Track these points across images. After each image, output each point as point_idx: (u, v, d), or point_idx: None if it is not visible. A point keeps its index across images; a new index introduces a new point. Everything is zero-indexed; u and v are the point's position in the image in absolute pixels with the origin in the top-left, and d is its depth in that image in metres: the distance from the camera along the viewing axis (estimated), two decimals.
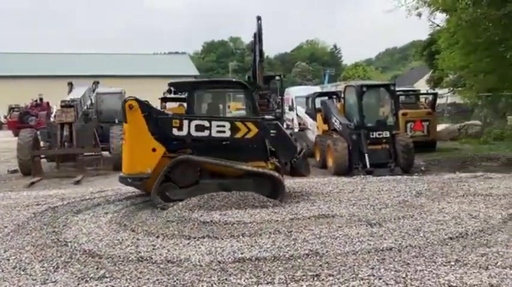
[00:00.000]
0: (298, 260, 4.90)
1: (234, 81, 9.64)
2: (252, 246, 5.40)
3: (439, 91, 23.10)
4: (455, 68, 17.08)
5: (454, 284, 4.12)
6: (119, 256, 5.17)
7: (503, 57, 12.31)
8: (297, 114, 17.83)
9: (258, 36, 11.44)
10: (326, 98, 14.15)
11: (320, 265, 4.74)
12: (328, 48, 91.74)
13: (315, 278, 4.38)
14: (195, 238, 5.79)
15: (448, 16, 15.59)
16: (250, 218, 6.62)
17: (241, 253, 5.16)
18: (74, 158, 12.98)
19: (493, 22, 12.04)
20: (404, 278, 4.32)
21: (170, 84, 9.29)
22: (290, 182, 9.75)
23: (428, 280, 4.26)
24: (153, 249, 5.40)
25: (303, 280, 4.35)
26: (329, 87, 28.39)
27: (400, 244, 5.43)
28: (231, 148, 7.74)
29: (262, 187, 7.69)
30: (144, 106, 7.57)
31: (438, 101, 18.81)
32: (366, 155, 11.37)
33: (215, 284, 4.33)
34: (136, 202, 8.04)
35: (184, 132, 7.53)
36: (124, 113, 7.49)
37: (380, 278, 4.32)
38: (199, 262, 4.93)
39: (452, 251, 5.11)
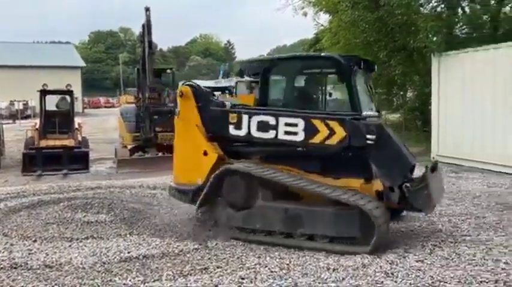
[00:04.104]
0: (187, 255, 4.89)
1: (325, 57, 6.40)
2: (139, 244, 5.25)
3: None
4: None
5: (332, 267, 4.44)
6: None
7: (377, 57, 13.51)
8: None
9: (147, 27, 11.05)
10: (219, 92, 14.29)
11: (209, 258, 4.78)
12: (222, 43, 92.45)
13: (204, 271, 4.41)
14: (77, 239, 5.47)
15: (330, 17, 16.67)
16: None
17: (128, 252, 4.99)
18: None
19: (369, 24, 13.16)
20: (288, 264, 4.54)
21: (242, 65, 6.95)
22: None
23: (310, 264, 4.54)
24: (29, 254, 4.98)
25: (191, 274, 4.35)
26: (223, 83, 28.66)
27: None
28: (309, 157, 5.50)
29: (347, 223, 4.95)
30: (201, 94, 5.80)
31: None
32: None
33: (99, 286, 4.14)
34: (10, 204, 7.33)
35: (243, 132, 5.51)
36: (175, 103, 5.83)
37: (266, 266, 4.50)
38: (81, 264, 4.67)
39: None
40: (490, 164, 9.69)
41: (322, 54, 7.40)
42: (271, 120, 5.37)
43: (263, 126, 5.41)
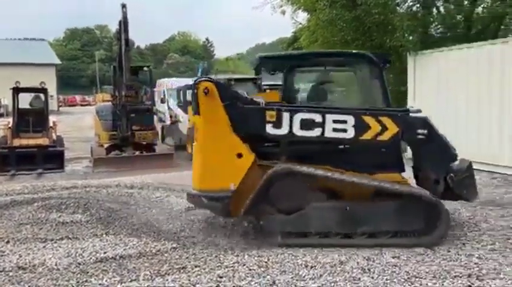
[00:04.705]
0: (165, 255, 4.84)
1: (358, 54, 6.41)
2: (116, 244, 5.17)
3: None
4: None
5: (310, 264, 4.46)
6: None
7: None
8: (168, 107, 17.57)
9: (124, 24, 10.89)
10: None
11: (187, 258, 4.74)
12: (201, 41, 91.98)
13: (181, 271, 4.38)
14: (52, 240, 5.35)
15: (308, 15, 16.74)
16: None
17: (104, 253, 4.91)
18: None
19: (346, 23, 13.27)
20: (266, 262, 4.54)
21: (260, 59, 6.20)
22: (160, 176, 9.61)
23: (288, 262, 4.55)
24: (2, 256, 4.85)
25: (168, 274, 4.31)
26: None
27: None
28: (350, 155, 5.49)
29: (409, 215, 5.03)
30: (226, 91, 5.33)
31: None
32: None
33: None
34: None
35: (283, 131, 5.19)
36: (196, 100, 5.24)
37: (244, 265, 4.49)
38: (56, 265, 4.57)
39: None
40: None
41: (354, 51, 7.37)
42: (318, 118, 5.16)
43: (307, 124, 5.17)
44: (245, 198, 5.09)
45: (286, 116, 5.17)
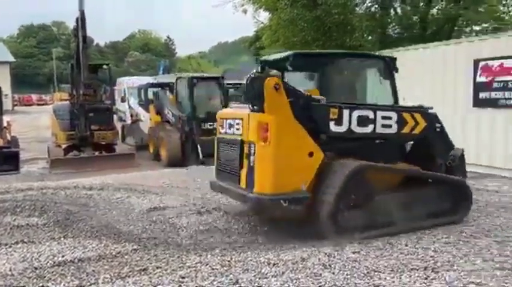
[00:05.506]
0: (126, 257, 4.74)
1: (378, 56, 6.96)
2: (75, 247, 5.01)
3: None
4: None
5: (272, 261, 4.50)
6: None
7: None
8: (129, 106, 17.26)
9: (81, 21, 10.61)
10: (159, 89, 14.01)
11: (148, 259, 4.66)
12: (162, 39, 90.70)
13: (142, 273, 4.30)
14: (6, 244, 5.12)
15: (270, 15, 16.85)
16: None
17: (62, 256, 4.75)
18: None
19: (307, 23, 13.46)
20: (229, 261, 4.54)
21: (294, 55, 5.94)
22: (122, 176, 9.43)
23: (251, 260, 4.57)
24: None
25: (129, 276, 4.23)
26: (163, 79, 28.12)
27: (226, 228, 5.71)
28: (381, 148, 5.87)
29: (447, 198, 5.87)
30: (289, 87, 5.11)
31: None
32: (199, 145, 11.62)
33: None
34: None
35: (344, 128, 5.33)
36: (261, 96, 4.96)
37: (207, 264, 4.47)
38: (10, 271, 4.39)
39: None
40: None
41: (372, 53, 8.15)
42: (371, 115, 5.49)
43: (363, 121, 5.44)
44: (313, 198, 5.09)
45: (346, 113, 5.33)
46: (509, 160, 8.93)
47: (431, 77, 10.20)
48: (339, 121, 5.30)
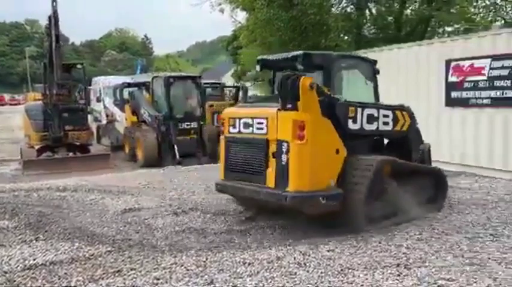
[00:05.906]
0: (99, 259, 4.68)
1: (365, 58, 7.15)
2: (46, 250, 4.91)
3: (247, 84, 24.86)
4: (254, 63, 18.64)
5: (248, 261, 4.51)
6: None
7: None
8: (104, 106, 17.02)
9: (54, 19, 10.40)
10: (135, 88, 13.85)
11: (122, 260, 4.61)
12: (139, 38, 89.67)
13: (116, 274, 4.25)
14: None
15: (247, 14, 16.86)
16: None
17: (34, 259, 4.64)
18: None
19: (284, 23, 13.52)
20: (204, 261, 4.53)
21: (304, 55, 5.95)
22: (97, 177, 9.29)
23: (226, 260, 4.56)
24: None
25: (103, 278, 4.17)
26: (140, 78, 27.82)
27: (202, 229, 5.69)
28: (369, 143, 6.22)
29: (431, 187, 6.52)
30: (319, 87, 5.31)
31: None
32: (175, 146, 11.55)
33: None
34: None
35: (358, 125, 5.66)
36: (296, 95, 5.05)
37: (182, 265, 4.44)
38: None
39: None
40: None
41: (363, 55, 8.28)
42: (375, 113, 5.87)
43: (370, 119, 5.79)
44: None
45: (359, 111, 5.65)
46: (480, 158, 9.15)
47: (406, 77, 10.37)
48: (355, 119, 5.62)
